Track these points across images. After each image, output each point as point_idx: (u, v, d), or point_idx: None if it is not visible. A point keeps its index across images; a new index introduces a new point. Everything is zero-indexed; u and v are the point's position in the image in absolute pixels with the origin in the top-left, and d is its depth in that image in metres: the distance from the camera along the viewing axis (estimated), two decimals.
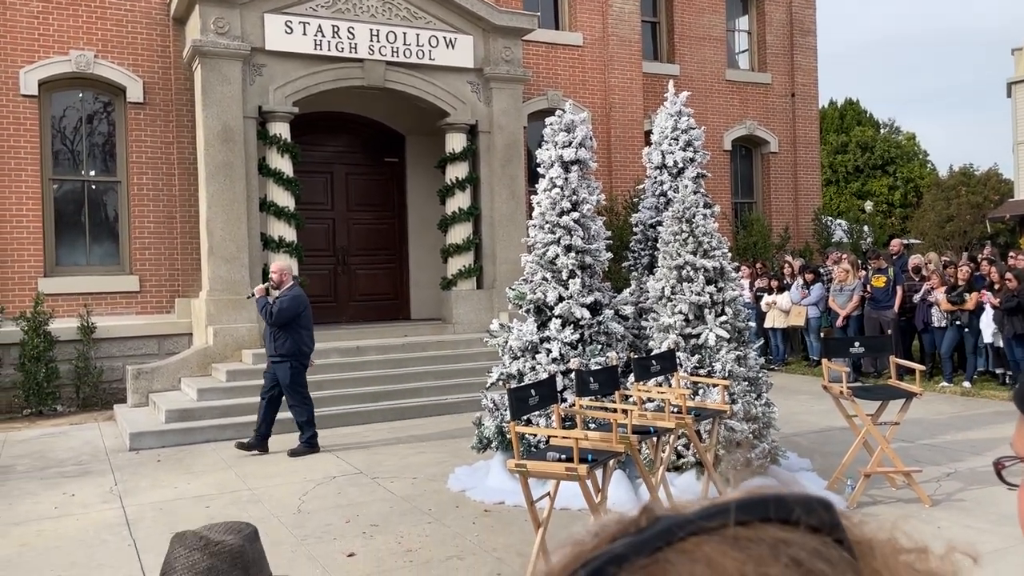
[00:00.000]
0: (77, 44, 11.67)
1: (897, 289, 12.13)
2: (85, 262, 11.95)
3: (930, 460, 7.25)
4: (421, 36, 12.15)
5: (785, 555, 0.36)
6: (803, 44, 18.56)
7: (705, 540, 0.37)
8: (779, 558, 0.36)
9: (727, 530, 0.37)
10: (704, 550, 0.36)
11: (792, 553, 0.36)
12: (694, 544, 0.37)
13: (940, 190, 34.68)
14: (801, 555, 0.36)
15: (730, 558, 0.36)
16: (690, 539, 0.37)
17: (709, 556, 0.36)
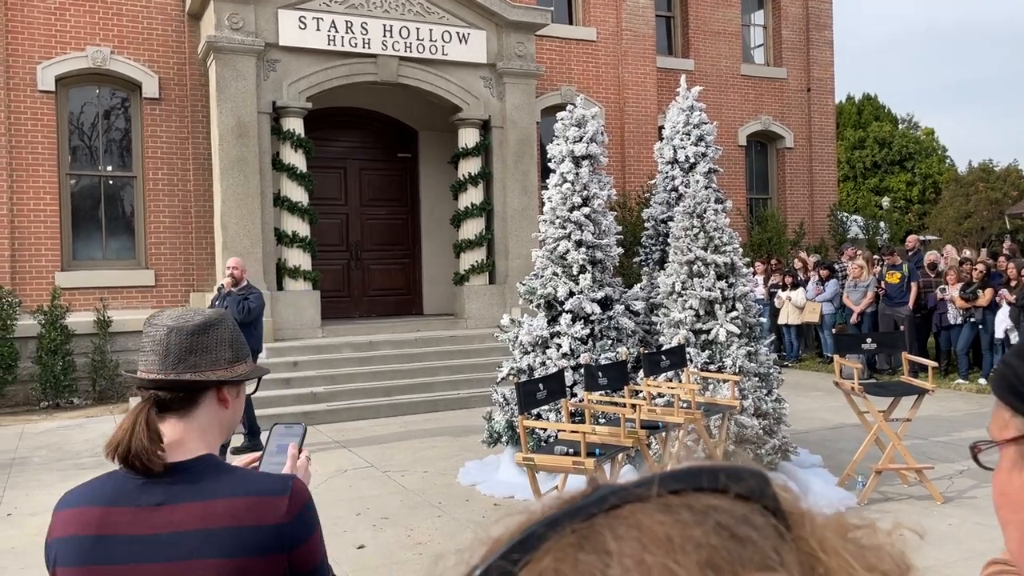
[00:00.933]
0: (94, 40, 11.77)
1: (912, 286, 12.04)
2: (101, 256, 12.06)
3: (943, 457, 7.21)
4: (434, 31, 12.17)
5: (712, 519, 0.38)
6: (819, 39, 18.43)
7: (638, 507, 0.39)
8: (705, 522, 0.38)
9: (659, 498, 0.40)
10: (636, 516, 0.39)
11: (718, 518, 0.38)
12: (628, 511, 0.39)
13: (959, 186, 34.37)
14: (727, 520, 0.38)
15: (658, 522, 0.38)
16: (625, 507, 0.39)
17: (639, 520, 0.38)
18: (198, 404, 1.47)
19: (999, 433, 0.78)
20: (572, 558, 0.37)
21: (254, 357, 8.36)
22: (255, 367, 1.57)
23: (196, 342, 1.46)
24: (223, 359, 1.48)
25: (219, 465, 1.45)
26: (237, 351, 1.51)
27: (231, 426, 1.55)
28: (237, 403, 1.54)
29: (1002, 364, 0.81)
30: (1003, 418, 0.78)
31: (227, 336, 1.50)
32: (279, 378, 10.03)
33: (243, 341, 1.54)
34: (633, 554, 0.37)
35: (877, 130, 39.75)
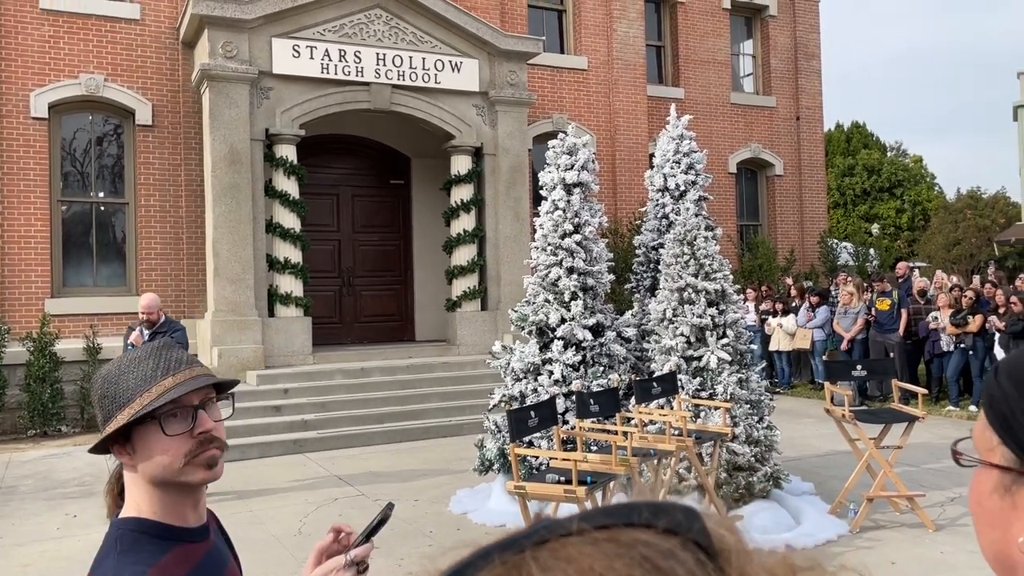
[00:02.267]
0: (87, 68, 11.83)
1: (902, 312, 12.10)
2: (92, 283, 12.03)
3: (934, 484, 7.20)
4: (427, 60, 12.27)
5: (636, 552, 0.40)
6: (807, 68, 18.66)
7: (567, 541, 0.41)
8: (630, 555, 0.40)
9: (587, 533, 0.42)
10: (564, 548, 0.41)
11: (642, 551, 0.40)
12: (556, 544, 0.41)
13: (947, 213, 34.66)
14: (651, 553, 0.40)
15: (584, 554, 0.40)
16: (553, 540, 0.42)
17: (567, 553, 0.40)
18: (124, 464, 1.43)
19: (985, 453, 0.80)
20: None
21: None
22: (133, 413, 1.35)
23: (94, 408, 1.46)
24: (101, 422, 1.40)
25: (108, 538, 1.38)
26: (106, 409, 1.38)
27: (157, 478, 1.37)
28: (141, 455, 1.38)
29: (994, 383, 0.80)
30: (990, 440, 0.79)
31: (95, 396, 1.41)
32: (269, 405, 9.97)
33: (113, 392, 1.37)
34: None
35: (866, 158, 40.13)
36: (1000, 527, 0.77)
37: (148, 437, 1.36)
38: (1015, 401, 0.76)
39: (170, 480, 1.37)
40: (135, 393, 1.36)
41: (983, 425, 0.81)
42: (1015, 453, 0.76)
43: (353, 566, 1.39)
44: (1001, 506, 0.77)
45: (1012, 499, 0.76)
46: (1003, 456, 0.77)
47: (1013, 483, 0.75)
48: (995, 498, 0.77)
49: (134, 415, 1.35)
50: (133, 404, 1.35)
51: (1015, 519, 0.75)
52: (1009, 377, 0.78)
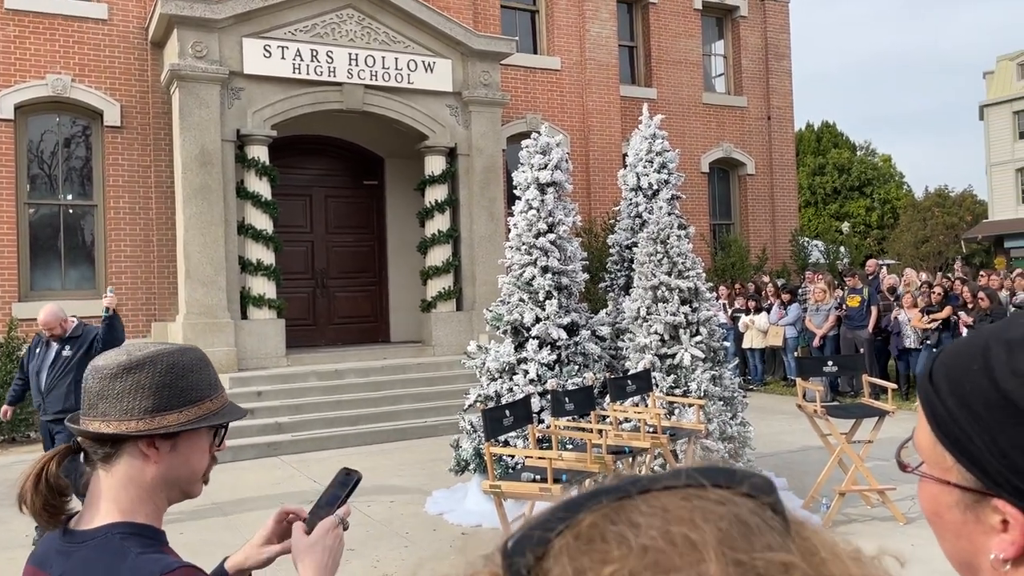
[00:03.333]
0: (54, 68, 11.66)
1: (872, 309, 12.26)
2: (60, 286, 11.85)
3: (905, 478, 7.23)
4: (400, 60, 12.23)
5: (727, 508, 0.45)
6: (778, 68, 18.85)
7: (663, 494, 0.46)
8: (721, 509, 0.45)
9: (683, 488, 0.47)
10: (661, 499, 0.46)
11: (732, 508, 0.45)
12: (654, 496, 0.46)
13: (916, 211, 35.17)
14: (740, 510, 0.45)
15: (680, 505, 0.45)
16: (652, 492, 0.46)
17: (664, 503, 0.45)
18: (118, 457, 1.30)
19: (940, 471, 0.77)
20: (606, 526, 0.44)
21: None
22: (205, 414, 1.33)
23: (109, 386, 1.29)
24: (138, 409, 1.28)
25: (110, 542, 1.26)
26: (165, 399, 1.30)
27: (173, 483, 1.34)
28: (174, 458, 1.33)
29: (935, 397, 0.75)
30: (944, 457, 0.76)
31: (151, 381, 1.29)
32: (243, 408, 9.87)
33: (182, 386, 1.32)
34: (659, 526, 0.44)
35: (836, 157, 40.61)
36: (965, 538, 0.76)
37: (193, 442, 1.35)
38: (967, 424, 0.72)
39: (184, 488, 1.37)
40: (204, 395, 1.35)
41: (931, 440, 0.77)
42: (976, 476, 0.73)
43: (340, 524, 1.42)
44: (964, 520, 0.75)
45: (975, 515, 0.74)
46: (961, 476, 0.74)
47: (976, 502, 0.73)
48: (956, 513, 0.76)
49: (211, 418, 1.34)
50: (203, 405, 1.34)
51: (980, 533, 0.74)
52: (952, 394, 0.74)
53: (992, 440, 0.71)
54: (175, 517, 6.87)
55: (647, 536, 0.43)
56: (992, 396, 0.71)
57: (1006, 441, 0.70)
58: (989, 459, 0.71)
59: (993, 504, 0.72)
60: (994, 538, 0.73)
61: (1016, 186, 37.26)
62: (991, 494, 0.72)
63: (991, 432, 0.71)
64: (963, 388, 0.73)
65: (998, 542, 0.72)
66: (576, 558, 0.43)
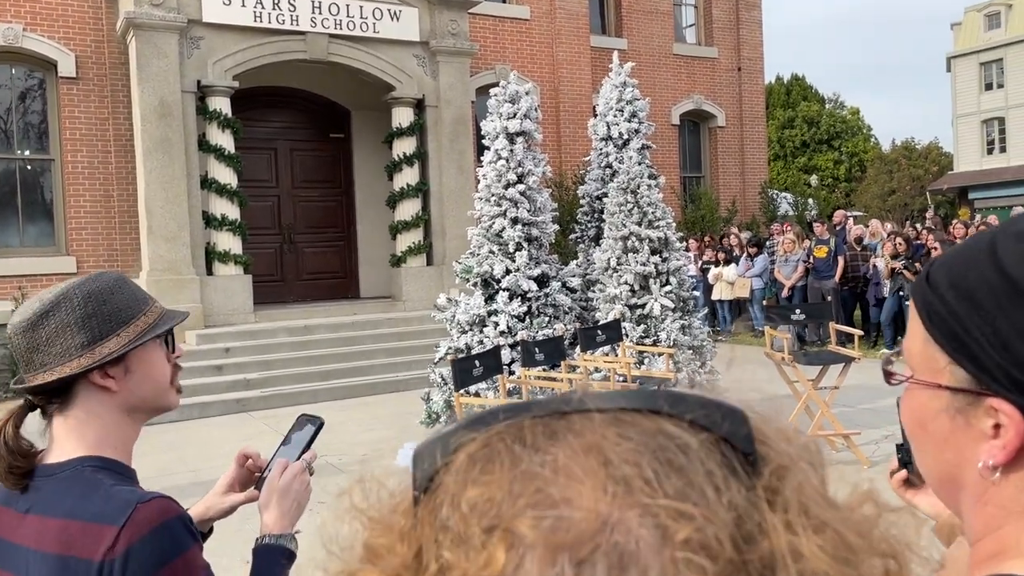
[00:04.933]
0: (4, 17, 11.20)
1: (839, 259, 12.37)
2: (19, 243, 11.56)
3: (869, 423, 7.44)
4: (364, 8, 11.93)
5: (654, 441, 0.38)
6: (749, 19, 18.70)
7: (596, 416, 0.39)
8: (645, 442, 0.38)
9: (613, 413, 0.40)
10: (583, 423, 0.39)
11: (661, 441, 0.38)
12: (585, 417, 0.40)
13: (883, 164, 35.47)
14: (669, 444, 0.38)
15: (599, 434, 0.38)
16: (588, 413, 0.40)
17: (582, 428, 0.39)
18: (73, 400, 1.28)
19: (929, 373, 0.74)
20: (505, 446, 0.39)
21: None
22: (145, 329, 1.29)
23: (34, 338, 1.25)
24: (74, 346, 1.24)
25: (80, 474, 1.24)
26: (96, 328, 1.26)
27: (141, 404, 1.32)
28: (134, 379, 1.30)
29: (932, 295, 0.73)
30: (935, 358, 0.73)
31: (72, 317, 1.25)
32: (210, 365, 9.78)
33: (107, 311, 1.28)
34: (556, 452, 0.38)
35: (806, 110, 40.69)
36: (951, 448, 0.73)
37: (145, 358, 1.32)
38: (968, 317, 0.70)
39: (154, 404, 1.35)
40: (135, 311, 1.30)
41: (923, 341, 0.74)
42: (971, 373, 0.70)
43: (307, 470, 1.41)
44: (952, 428, 0.73)
45: (965, 420, 0.71)
46: (953, 376, 0.72)
47: (968, 404, 0.71)
48: (944, 420, 0.73)
49: (151, 331, 1.30)
50: (138, 322, 1.30)
51: (969, 440, 0.71)
52: (952, 287, 0.72)
53: (993, 331, 0.68)
54: (142, 476, 6.80)
55: (537, 461, 0.38)
56: (997, 283, 0.69)
57: (1009, 329, 0.67)
58: (989, 352, 0.68)
59: (987, 404, 0.69)
60: (983, 445, 0.70)
61: (981, 137, 37.67)
62: (986, 392, 0.69)
63: (993, 322, 0.68)
64: (966, 281, 0.71)
65: (988, 448, 0.70)
66: (464, 472, 0.39)
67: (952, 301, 0.72)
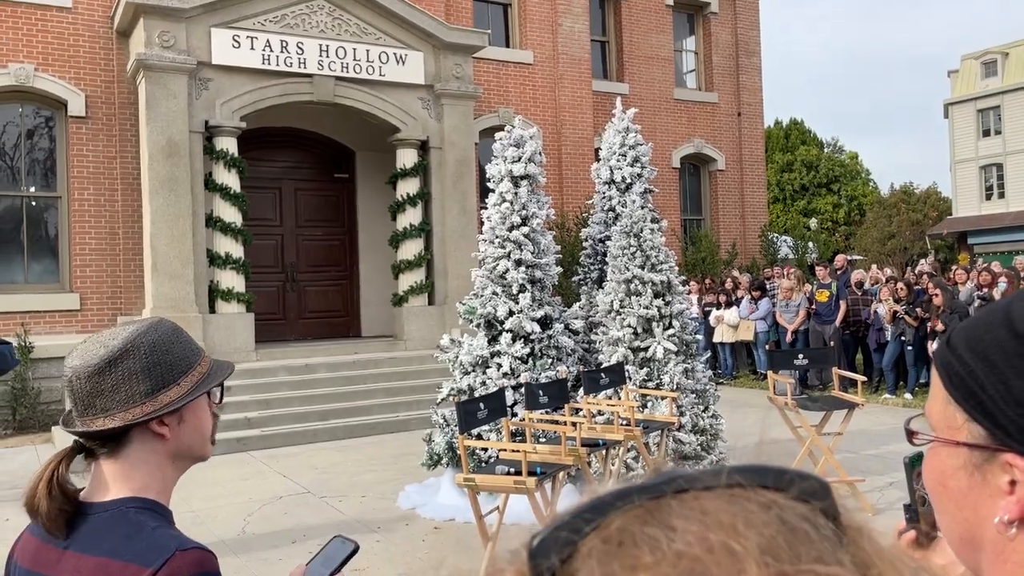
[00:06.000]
0: (17, 57, 11.39)
1: (840, 303, 12.40)
2: (23, 280, 11.60)
3: (873, 470, 7.40)
4: (371, 52, 12.12)
5: (774, 512, 0.41)
6: (748, 65, 18.99)
7: (704, 494, 0.42)
8: (767, 514, 0.41)
9: (725, 488, 0.42)
10: (700, 500, 0.41)
11: (780, 512, 0.41)
12: (694, 496, 0.42)
13: (882, 208, 35.68)
14: (788, 515, 0.41)
15: (722, 508, 0.41)
16: (692, 492, 0.42)
17: (704, 505, 0.41)
18: (127, 445, 1.30)
19: (948, 431, 0.76)
20: (638, 529, 0.40)
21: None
22: (201, 379, 1.34)
23: (99, 384, 1.28)
24: (138, 394, 1.28)
25: (124, 515, 1.26)
26: (159, 377, 1.30)
27: (186, 452, 1.36)
28: (185, 428, 1.34)
29: (952, 357, 0.76)
30: (954, 417, 0.76)
31: (138, 365, 1.29)
32: None
33: (170, 360, 1.32)
34: (697, 531, 0.39)
35: (804, 153, 41.06)
36: (969, 506, 0.75)
37: (196, 408, 1.36)
38: (984, 375, 0.72)
39: (197, 453, 1.38)
40: (192, 362, 1.35)
41: (943, 402, 0.77)
42: (987, 430, 0.73)
43: None
44: (970, 485, 0.75)
45: (983, 477, 0.73)
46: (971, 434, 0.74)
47: (985, 461, 0.73)
48: (962, 477, 0.75)
49: (207, 382, 1.35)
50: (195, 372, 1.34)
51: (986, 497, 0.73)
52: (970, 349, 0.74)
53: (1007, 388, 0.71)
54: None
55: (683, 541, 0.39)
56: (1010, 344, 0.71)
57: (1022, 386, 0.70)
58: (1003, 408, 0.71)
59: (1002, 460, 0.72)
60: (1000, 501, 0.72)
61: (980, 183, 37.95)
62: (1002, 448, 0.72)
63: (1007, 380, 0.71)
64: (982, 343, 0.74)
65: (1004, 504, 0.72)
66: (605, 562, 0.40)
67: (970, 361, 0.74)
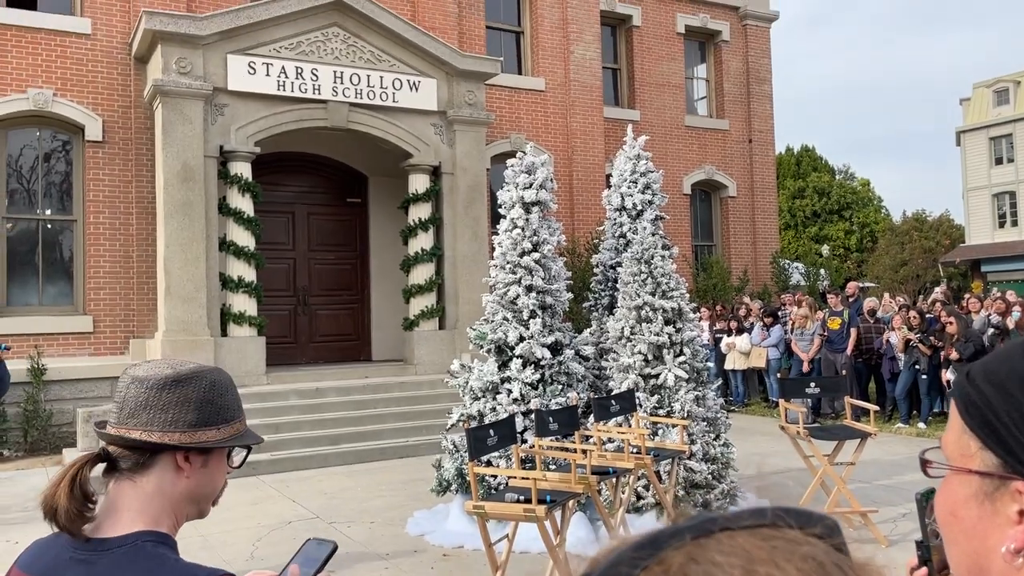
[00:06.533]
0: (36, 82, 11.57)
1: (852, 331, 12.32)
2: (37, 302, 11.69)
3: (886, 501, 7.32)
4: (385, 78, 12.25)
5: (802, 551, 0.46)
6: (759, 92, 19.07)
7: (741, 533, 0.47)
8: (797, 552, 0.46)
9: (757, 530, 0.48)
10: (740, 539, 0.46)
11: (807, 550, 0.46)
12: (729, 536, 0.47)
13: (894, 235, 35.56)
14: (815, 552, 0.46)
15: (758, 548, 0.46)
16: (726, 532, 0.47)
17: (744, 544, 0.46)
18: (150, 468, 1.31)
19: (961, 459, 0.78)
20: (689, 566, 0.45)
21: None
22: (236, 434, 1.37)
23: (155, 397, 1.31)
24: (183, 421, 1.31)
25: (141, 548, 1.26)
26: (208, 414, 1.34)
27: (196, 499, 1.37)
28: (204, 474, 1.36)
29: (969, 388, 0.78)
30: (968, 445, 0.77)
31: (196, 395, 1.33)
32: None
33: (221, 404, 1.36)
34: (741, 566, 0.44)
35: (816, 180, 41.04)
36: (978, 536, 0.76)
37: (220, 460, 1.40)
38: (999, 403, 0.74)
39: (200, 505, 1.40)
40: (236, 415, 1.40)
41: (959, 431, 0.79)
42: (1000, 457, 0.74)
43: None
44: (979, 514, 0.76)
45: (992, 506, 0.75)
46: (984, 462, 0.76)
47: (995, 489, 0.74)
48: (972, 506, 0.76)
49: (242, 438, 1.39)
50: (235, 424, 1.39)
51: (994, 527, 0.74)
52: (987, 380, 0.76)
53: (1021, 416, 0.73)
54: None
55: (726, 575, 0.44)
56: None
57: None
58: (1016, 436, 0.73)
59: (1013, 489, 0.73)
60: (1008, 531, 0.73)
61: (992, 211, 37.82)
62: (1013, 476, 0.73)
63: (1021, 408, 0.73)
64: (998, 374, 0.76)
65: (1012, 533, 0.73)
66: None
67: (986, 391, 0.76)
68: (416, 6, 14.32)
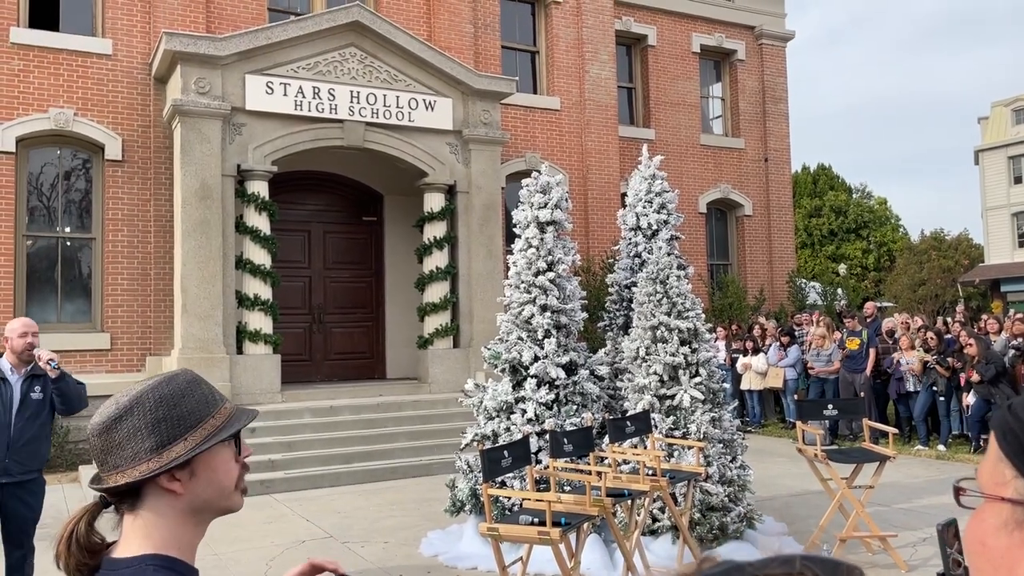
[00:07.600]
0: (57, 102, 11.72)
1: (870, 352, 12.21)
2: (56, 319, 11.78)
3: (905, 524, 7.21)
4: (401, 98, 12.33)
5: None
6: (775, 111, 19.04)
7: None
8: None
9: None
10: None
11: None
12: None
13: (912, 254, 35.29)
14: None
15: None
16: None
17: None
18: (142, 500, 1.31)
19: (995, 487, 0.77)
20: None
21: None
22: (213, 432, 1.32)
23: (108, 440, 1.30)
24: (143, 450, 1.28)
25: (143, 572, 1.26)
26: (165, 432, 1.30)
27: (204, 506, 1.34)
28: (199, 482, 1.33)
29: (1009, 417, 0.78)
30: (1002, 473, 0.77)
31: (144, 421, 1.30)
32: None
33: (177, 415, 1.31)
34: None
35: (832, 199, 40.84)
36: (1006, 566, 0.75)
37: (211, 460, 1.34)
38: None
39: (219, 506, 1.36)
40: (203, 415, 1.33)
41: (995, 460, 0.79)
42: None
43: None
44: (1009, 544, 0.75)
45: (1022, 535, 0.74)
46: (1017, 490, 0.75)
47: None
48: (1002, 535, 0.75)
49: (218, 434, 1.32)
50: (205, 425, 1.32)
51: (1023, 556, 0.73)
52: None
53: None
54: None
55: None
56: None
57: None
58: None
59: None
60: None
61: (1012, 230, 37.49)
62: None
63: None
64: None
65: None
66: None
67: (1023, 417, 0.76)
68: (432, 26, 14.43)
